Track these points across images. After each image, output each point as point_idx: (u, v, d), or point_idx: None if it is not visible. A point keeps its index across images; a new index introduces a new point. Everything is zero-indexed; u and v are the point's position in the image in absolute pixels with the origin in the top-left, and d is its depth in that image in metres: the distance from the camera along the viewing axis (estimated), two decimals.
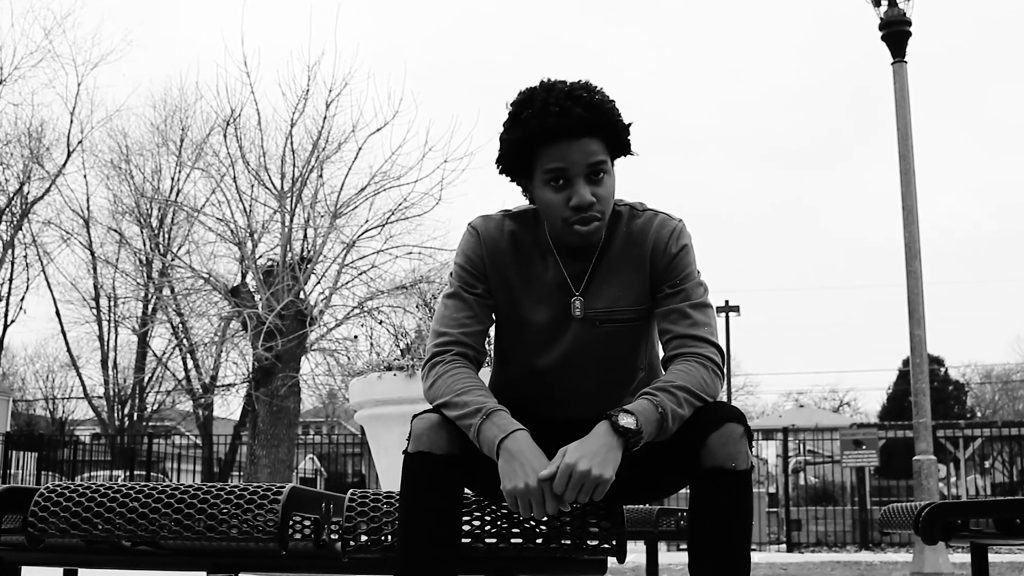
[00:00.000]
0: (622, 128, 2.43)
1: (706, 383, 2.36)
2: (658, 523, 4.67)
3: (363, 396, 6.39)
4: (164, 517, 2.41)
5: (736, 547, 2.30)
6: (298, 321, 15.44)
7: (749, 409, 52.70)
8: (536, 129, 2.35)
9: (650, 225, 2.51)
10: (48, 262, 33.67)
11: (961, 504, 3.19)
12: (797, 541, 19.12)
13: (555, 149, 2.36)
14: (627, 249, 2.51)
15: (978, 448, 26.99)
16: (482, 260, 2.55)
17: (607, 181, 2.42)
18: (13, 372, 43.12)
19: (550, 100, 2.35)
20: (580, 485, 2.17)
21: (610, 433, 2.22)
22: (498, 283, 2.55)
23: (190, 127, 25.33)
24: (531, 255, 2.55)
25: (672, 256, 2.48)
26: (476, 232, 2.57)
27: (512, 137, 2.41)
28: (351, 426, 34.21)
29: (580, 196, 2.37)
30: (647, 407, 2.26)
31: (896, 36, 11.16)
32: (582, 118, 2.34)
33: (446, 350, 2.48)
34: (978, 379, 55.50)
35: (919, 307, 10.69)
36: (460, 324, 2.51)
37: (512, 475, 2.21)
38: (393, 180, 16.15)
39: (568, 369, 2.54)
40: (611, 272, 2.51)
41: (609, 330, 2.51)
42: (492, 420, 2.28)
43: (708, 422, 2.30)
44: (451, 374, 2.41)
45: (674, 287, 2.48)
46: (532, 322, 2.53)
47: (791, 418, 34.19)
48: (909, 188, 10.90)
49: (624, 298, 2.51)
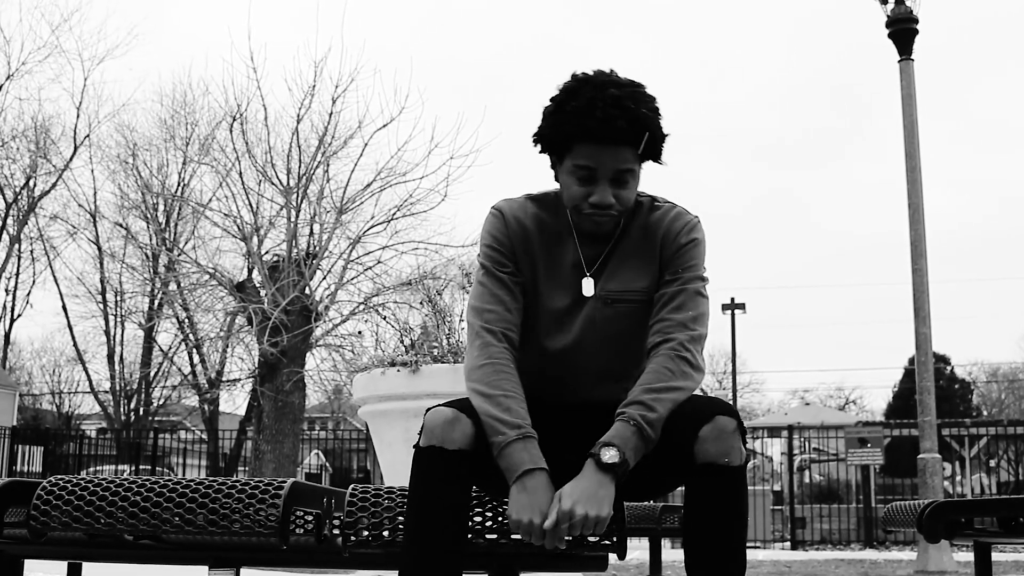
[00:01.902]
0: (659, 136, 2.47)
1: (671, 373, 2.40)
2: (661, 520, 4.68)
3: (367, 392, 6.39)
4: (166, 511, 2.41)
5: (731, 543, 2.30)
6: (303, 317, 15.46)
7: (755, 406, 52.78)
8: (575, 126, 2.40)
9: (666, 216, 2.57)
10: (55, 256, 33.80)
11: (964, 503, 3.18)
12: (801, 539, 19.12)
13: (588, 148, 2.41)
14: (643, 238, 2.57)
15: (983, 447, 26.94)
16: (509, 240, 2.59)
17: (631, 184, 2.47)
18: (20, 366, 43.27)
19: (597, 102, 2.38)
20: (580, 527, 2.24)
21: (598, 471, 2.27)
22: (524, 263, 2.59)
23: (197, 122, 25.34)
24: (554, 237, 2.59)
25: (680, 246, 2.54)
26: (501, 213, 2.61)
27: (553, 122, 2.46)
28: (356, 422, 34.23)
29: (601, 197, 2.44)
30: (623, 430, 2.31)
31: (903, 34, 11.13)
32: (623, 131, 2.38)
33: (493, 330, 2.50)
34: (984, 378, 55.49)
35: (925, 305, 10.67)
36: (501, 302, 2.54)
37: (521, 509, 2.26)
38: (399, 176, 16.18)
39: (580, 348, 2.57)
40: (626, 257, 2.57)
41: (621, 310, 2.56)
42: (525, 445, 2.32)
43: (699, 417, 2.31)
44: (501, 368, 2.44)
45: (674, 274, 2.54)
46: (551, 302, 2.58)
47: (796, 416, 34.21)
48: (915, 186, 10.88)
49: (636, 281, 2.56)
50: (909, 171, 10.94)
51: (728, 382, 44.80)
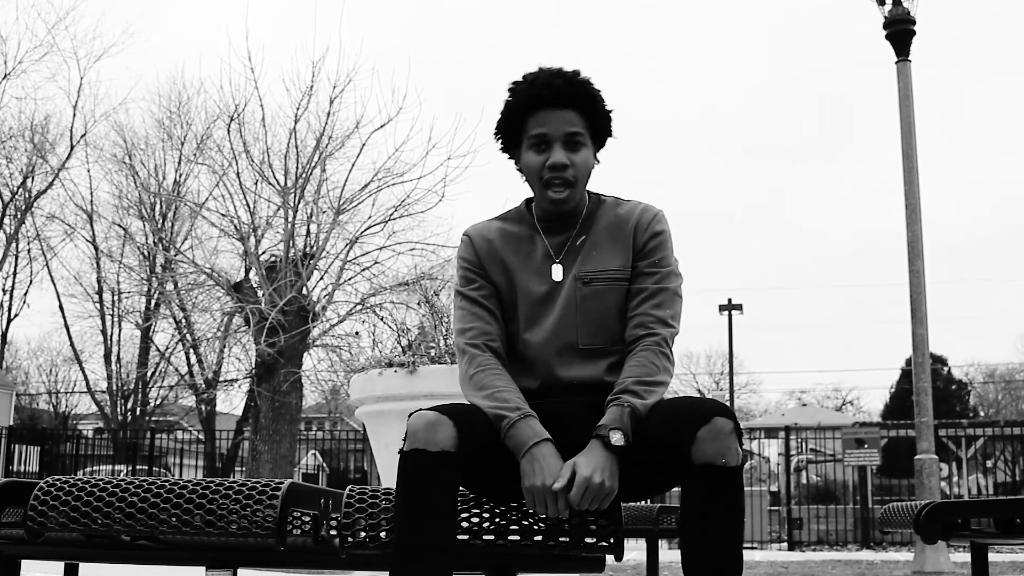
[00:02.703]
0: (601, 109, 2.73)
1: (657, 368, 2.59)
2: (659, 521, 4.67)
3: (364, 392, 6.39)
4: (163, 512, 2.42)
5: (728, 544, 2.33)
6: (301, 317, 15.44)
7: (751, 407, 52.75)
8: (524, 96, 2.69)
9: (635, 209, 2.79)
10: (52, 256, 33.79)
11: (961, 503, 3.19)
12: (798, 540, 19.13)
13: (539, 116, 2.68)
14: (612, 227, 2.77)
15: (980, 448, 26.99)
16: (476, 256, 2.81)
17: (583, 152, 2.70)
18: (16, 366, 43.24)
19: (539, 76, 2.70)
20: (594, 495, 2.37)
21: (605, 450, 2.42)
22: (495, 270, 2.79)
23: (193, 122, 25.33)
24: (520, 238, 2.81)
25: (653, 234, 2.75)
26: (468, 237, 2.84)
27: (507, 107, 2.74)
28: (353, 422, 34.23)
29: (556, 157, 2.66)
30: (622, 415, 2.47)
31: (900, 35, 11.16)
32: (562, 89, 2.66)
33: (476, 344, 2.71)
34: (981, 378, 55.48)
35: (922, 306, 10.69)
36: (479, 318, 2.75)
37: (532, 475, 2.40)
38: (396, 177, 16.13)
39: (563, 326, 2.71)
40: (596, 243, 2.76)
41: (598, 288, 2.72)
42: (527, 423, 2.48)
43: (697, 417, 2.35)
44: (491, 370, 2.64)
45: (651, 267, 2.73)
46: (529, 289, 2.75)
47: (794, 416, 34.19)
48: (912, 187, 10.89)
49: (610, 263, 2.74)
50: (906, 172, 10.95)
51: (725, 383, 44.87)
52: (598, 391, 2.59)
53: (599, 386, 2.61)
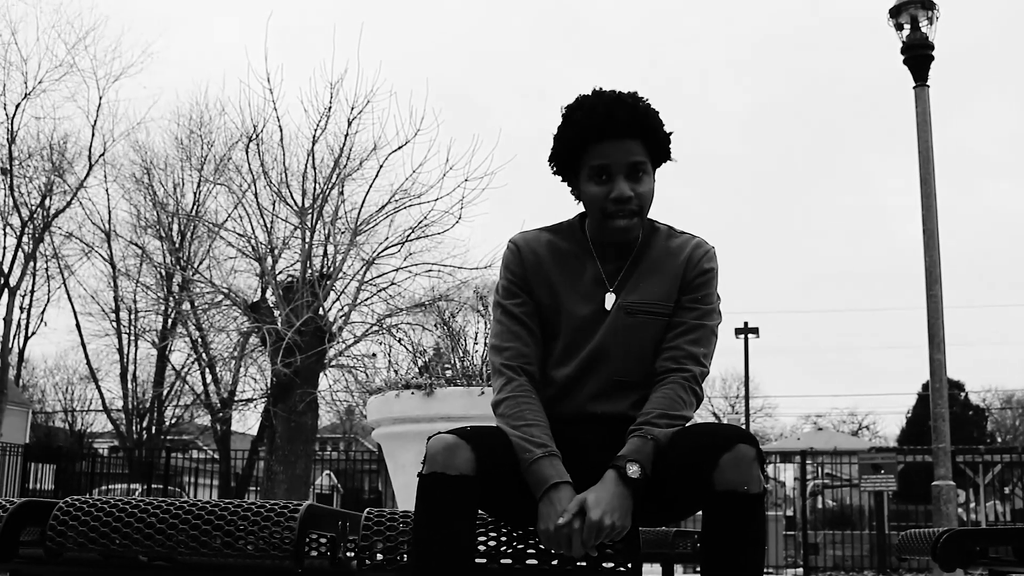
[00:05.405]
0: (663, 134, 2.65)
1: (683, 403, 2.56)
2: (674, 545, 4.66)
3: (380, 414, 6.38)
4: (181, 533, 2.42)
5: (749, 571, 2.32)
6: (317, 337, 15.46)
7: (767, 431, 52.47)
8: (584, 128, 2.59)
9: (689, 243, 2.73)
10: (69, 275, 33.84)
11: (980, 531, 3.17)
12: (814, 565, 18.99)
13: (600, 147, 2.59)
14: (663, 258, 2.72)
15: (998, 474, 26.77)
16: (522, 268, 2.74)
17: (646, 181, 2.63)
18: (33, 384, 43.40)
19: (599, 104, 2.59)
20: (604, 537, 2.35)
21: (620, 483, 2.39)
22: (540, 285, 2.73)
23: (213, 142, 25.42)
24: (569, 257, 2.74)
25: (702, 271, 2.70)
26: (516, 246, 2.77)
27: (564, 135, 2.65)
28: (368, 443, 34.20)
29: (620, 190, 2.59)
30: (643, 446, 2.44)
31: (918, 60, 11.16)
32: (625, 121, 2.57)
33: (512, 366, 2.65)
34: (999, 404, 55.13)
35: (939, 332, 10.65)
36: (518, 338, 2.69)
37: (548, 518, 2.37)
38: (414, 198, 16.15)
39: (602, 354, 2.67)
40: (646, 273, 2.71)
41: (641, 320, 2.67)
42: (550, 462, 2.44)
43: (719, 444, 2.33)
44: (523, 399, 2.58)
45: (693, 302, 2.68)
46: (574, 311, 2.70)
47: (809, 441, 33.98)
48: (930, 212, 10.87)
49: (657, 296, 2.69)
50: (924, 197, 10.94)
51: (741, 406, 44.70)
52: (620, 422, 2.56)
53: (622, 419, 2.57)
